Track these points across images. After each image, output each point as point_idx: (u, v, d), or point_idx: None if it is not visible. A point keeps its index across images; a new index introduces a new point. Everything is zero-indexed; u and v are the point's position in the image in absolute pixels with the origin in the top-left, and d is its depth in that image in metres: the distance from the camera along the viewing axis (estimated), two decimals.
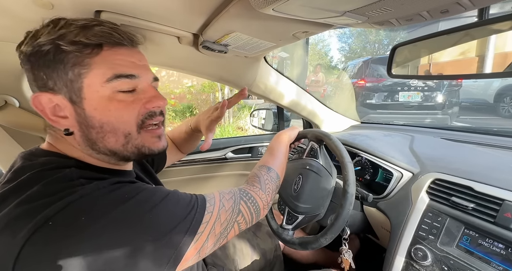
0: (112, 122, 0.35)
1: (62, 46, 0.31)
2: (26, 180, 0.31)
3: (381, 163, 0.73)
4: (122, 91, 0.35)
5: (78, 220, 0.27)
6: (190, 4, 0.45)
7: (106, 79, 0.33)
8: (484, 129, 0.91)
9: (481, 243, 0.46)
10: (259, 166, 0.57)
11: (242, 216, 0.42)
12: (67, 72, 0.32)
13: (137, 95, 0.37)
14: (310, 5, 0.33)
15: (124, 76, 0.34)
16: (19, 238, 0.26)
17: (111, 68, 0.34)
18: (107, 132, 0.35)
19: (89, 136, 0.35)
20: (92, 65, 0.33)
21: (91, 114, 0.34)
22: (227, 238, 0.40)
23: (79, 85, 0.33)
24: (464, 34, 0.40)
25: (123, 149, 0.37)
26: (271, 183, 0.53)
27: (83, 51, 0.32)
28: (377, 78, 4.14)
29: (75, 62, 0.32)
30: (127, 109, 0.35)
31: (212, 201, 0.39)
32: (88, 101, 0.33)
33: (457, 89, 3.79)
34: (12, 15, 0.44)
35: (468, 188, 0.51)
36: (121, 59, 0.35)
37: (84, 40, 0.32)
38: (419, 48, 0.51)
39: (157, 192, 0.35)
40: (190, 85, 5.78)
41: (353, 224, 0.72)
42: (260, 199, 0.48)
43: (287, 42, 0.60)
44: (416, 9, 0.32)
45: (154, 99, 0.38)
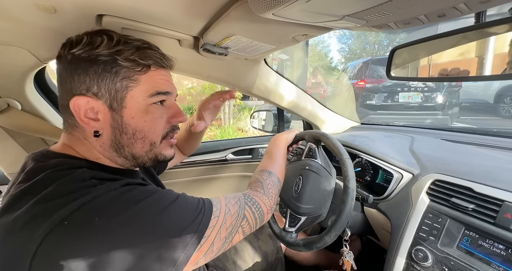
0: (144, 131, 0.40)
1: (119, 60, 0.36)
2: (41, 181, 0.32)
3: (381, 164, 0.74)
4: (155, 103, 0.40)
5: (92, 220, 0.29)
6: (190, 7, 0.45)
7: (149, 95, 0.39)
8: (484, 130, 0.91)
9: (482, 244, 0.46)
10: (259, 170, 0.58)
11: (246, 220, 0.43)
12: (115, 82, 0.37)
13: (164, 109, 0.42)
14: (309, 10, 0.33)
15: (162, 93, 0.40)
16: (37, 236, 0.27)
17: (154, 86, 0.39)
18: (138, 139, 0.39)
19: (120, 140, 0.39)
20: (140, 81, 0.38)
21: (127, 121, 0.38)
22: (232, 242, 0.41)
23: (123, 95, 0.37)
24: (461, 36, 0.41)
25: (145, 155, 0.41)
26: (273, 187, 0.54)
27: (135, 68, 0.38)
28: (377, 79, 4.14)
29: (125, 75, 0.37)
30: (158, 122, 0.41)
31: (218, 206, 0.40)
32: (127, 110, 0.38)
33: (457, 89, 3.80)
34: (15, 19, 0.45)
35: (468, 188, 0.52)
36: (162, 78, 0.41)
37: (138, 60, 0.37)
38: (417, 50, 0.52)
39: (166, 195, 0.37)
40: (190, 87, 5.80)
41: (354, 225, 0.72)
42: (264, 204, 0.49)
43: (287, 44, 0.60)
44: (413, 13, 0.32)
45: (178, 116, 0.44)
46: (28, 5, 0.41)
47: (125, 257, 0.29)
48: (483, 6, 0.28)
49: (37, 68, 0.62)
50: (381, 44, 11.46)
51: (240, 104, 5.88)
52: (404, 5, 0.30)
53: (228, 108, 5.28)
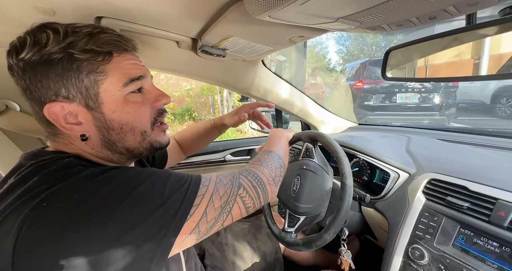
0: (131, 123, 0.38)
1: (75, 54, 0.32)
2: (27, 173, 0.32)
3: (378, 164, 0.74)
4: (132, 92, 0.38)
5: (71, 200, 0.28)
6: (188, 10, 0.46)
7: (123, 84, 0.36)
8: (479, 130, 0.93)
9: (476, 242, 0.47)
10: (260, 152, 0.56)
11: (244, 189, 0.40)
12: (82, 79, 0.33)
13: (144, 95, 0.40)
14: (304, 12, 0.34)
15: (136, 79, 0.37)
16: (18, 221, 0.27)
17: (126, 74, 0.36)
18: (127, 132, 0.38)
19: (109, 137, 0.37)
20: (107, 72, 0.35)
21: (110, 117, 0.36)
22: (232, 214, 0.38)
23: (96, 91, 0.35)
24: (453, 38, 0.42)
25: (139, 146, 0.40)
26: (273, 161, 0.51)
27: (96, 59, 0.34)
28: (375, 80, 4.17)
29: (90, 69, 0.34)
30: (141, 109, 0.39)
31: (207, 177, 0.39)
32: (106, 106, 0.35)
33: (454, 90, 3.83)
34: (13, 21, 0.45)
35: (463, 187, 0.52)
36: (130, 63, 0.38)
37: (96, 48, 0.33)
38: (411, 51, 0.53)
39: (147, 169, 0.36)
40: (189, 88, 5.80)
41: (352, 224, 0.73)
42: (263, 174, 0.45)
43: (284, 46, 0.61)
44: (405, 16, 0.33)
45: (161, 98, 0.42)
46: (27, 7, 0.41)
47: (109, 231, 0.28)
48: (471, 9, 0.29)
49: None
50: (378, 46, 11.54)
51: (238, 105, 5.88)
52: (396, 8, 0.31)
53: (227, 109, 5.28)
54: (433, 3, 0.29)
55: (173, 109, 5.60)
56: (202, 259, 0.73)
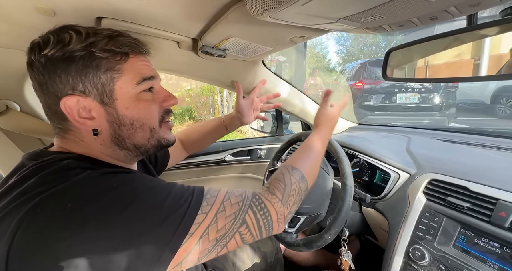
0: (142, 119, 0.39)
1: (96, 52, 0.34)
2: (25, 175, 0.32)
3: (378, 164, 0.74)
4: (144, 90, 0.40)
5: (65, 207, 0.28)
6: (189, 10, 0.46)
7: (136, 82, 0.38)
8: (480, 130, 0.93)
9: (477, 242, 0.47)
10: (292, 167, 0.48)
11: (246, 227, 0.37)
12: (99, 76, 0.35)
13: (154, 95, 0.42)
14: (305, 13, 0.34)
15: (148, 79, 0.40)
16: (13, 225, 0.27)
17: (139, 73, 0.39)
18: (137, 128, 0.39)
19: (120, 133, 0.38)
20: (123, 70, 0.37)
21: (123, 113, 0.38)
22: (227, 248, 0.37)
23: (111, 87, 0.36)
24: (454, 39, 0.42)
25: (147, 142, 0.41)
26: (297, 195, 0.45)
27: (114, 58, 0.36)
28: (375, 80, 4.18)
29: (108, 67, 0.36)
30: (151, 107, 0.41)
31: (211, 201, 0.36)
32: (120, 102, 0.37)
33: (454, 90, 3.83)
34: (14, 22, 0.45)
35: (463, 188, 0.52)
36: (143, 64, 0.40)
37: (115, 48, 0.36)
38: (412, 52, 0.53)
39: (147, 182, 0.35)
40: (189, 89, 5.81)
41: (352, 225, 0.73)
42: (276, 212, 0.41)
43: (284, 46, 0.61)
44: (406, 16, 0.33)
45: (169, 99, 0.44)
46: (28, 8, 0.41)
47: (98, 247, 0.28)
48: (473, 9, 0.29)
49: None
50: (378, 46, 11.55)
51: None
52: (397, 8, 0.31)
53: (227, 109, 5.28)
54: (435, 4, 0.29)
55: (173, 110, 5.59)
56: None
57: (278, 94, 0.83)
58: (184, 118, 5.77)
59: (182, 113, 5.83)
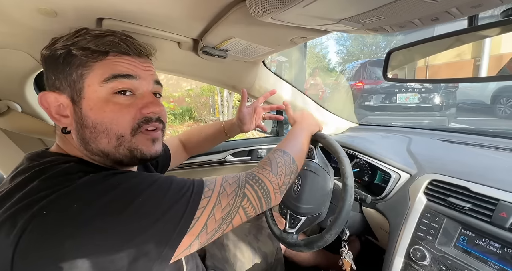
0: (105, 123, 0.36)
1: (72, 50, 0.35)
2: (28, 177, 0.32)
3: (379, 165, 0.74)
4: (120, 93, 0.36)
5: (71, 208, 0.28)
6: (190, 11, 0.46)
7: (104, 79, 0.35)
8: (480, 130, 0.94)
9: (478, 243, 0.47)
10: (274, 149, 0.53)
11: (248, 200, 0.39)
12: (71, 73, 0.35)
13: (134, 100, 0.38)
14: (306, 14, 0.34)
15: (121, 76, 0.36)
16: (17, 228, 0.27)
17: (110, 69, 0.36)
18: (100, 133, 0.36)
19: (83, 135, 0.36)
20: (93, 67, 0.35)
21: (86, 113, 0.36)
22: (232, 224, 0.38)
23: (81, 85, 0.35)
24: (455, 39, 0.42)
25: (115, 151, 0.37)
26: (284, 166, 0.48)
27: (89, 56, 0.35)
28: (375, 80, 4.18)
29: (79, 64, 0.35)
30: (121, 112, 0.37)
31: (211, 186, 0.38)
32: (86, 101, 0.36)
33: (454, 90, 3.83)
34: (16, 23, 0.45)
35: (464, 188, 0.52)
36: (122, 62, 0.37)
37: (93, 47, 0.35)
38: (413, 52, 0.53)
39: (148, 176, 0.35)
40: (189, 89, 5.81)
41: (353, 225, 0.73)
42: (270, 182, 0.43)
43: (285, 47, 0.61)
44: (407, 17, 0.33)
45: (150, 105, 0.39)
46: (30, 9, 0.41)
47: (108, 242, 0.28)
48: (474, 10, 0.29)
49: (37, 71, 0.63)
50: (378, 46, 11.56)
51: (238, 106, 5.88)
52: (398, 10, 0.31)
53: (227, 110, 5.28)
54: (436, 5, 0.29)
55: (173, 110, 5.60)
56: (203, 260, 0.73)
57: (273, 91, 0.77)
58: (184, 119, 5.77)
59: (182, 114, 5.83)
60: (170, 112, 5.43)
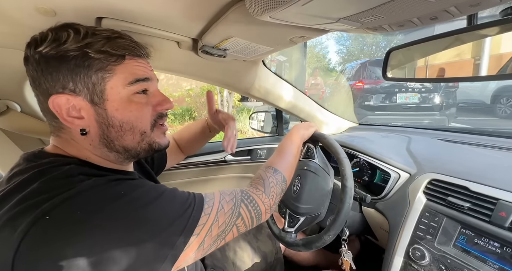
0: (132, 122, 0.38)
1: (90, 53, 0.34)
2: (27, 179, 0.32)
3: (378, 164, 0.74)
4: (137, 92, 0.39)
5: (74, 215, 0.28)
6: (189, 10, 0.46)
7: (128, 83, 0.38)
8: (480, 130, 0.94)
9: (477, 242, 0.47)
10: (265, 167, 0.55)
11: (241, 219, 0.42)
12: (90, 76, 0.35)
13: (148, 98, 0.41)
14: (305, 13, 0.34)
15: (141, 80, 0.39)
16: (19, 231, 0.27)
17: (132, 73, 0.38)
18: (126, 131, 0.38)
19: (109, 134, 0.38)
20: (115, 71, 0.37)
21: (113, 114, 0.37)
22: (225, 240, 0.40)
23: (102, 87, 0.36)
24: (454, 38, 0.42)
25: (137, 146, 0.40)
26: (276, 186, 0.51)
27: (108, 59, 0.36)
28: (375, 80, 4.18)
29: (99, 67, 0.36)
30: (143, 110, 0.40)
31: (210, 203, 0.39)
32: (110, 103, 0.37)
33: (454, 90, 3.83)
34: (15, 22, 0.45)
35: (464, 188, 0.52)
36: (139, 66, 0.40)
37: (110, 50, 0.36)
38: (412, 52, 0.53)
39: (153, 189, 0.36)
40: (189, 89, 5.80)
41: (352, 225, 0.73)
42: (263, 203, 0.47)
43: (285, 46, 0.61)
44: (406, 16, 0.33)
45: (164, 103, 0.43)
46: (28, 8, 0.41)
47: (108, 252, 0.28)
48: (473, 9, 0.29)
49: None
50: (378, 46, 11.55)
51: (239, 106, 5.89)
52: (397, 8, 0.31)
53: (227, 109, 5.28)
54: (435, 4, 0.29)
55: (173, 110, 5.57)
56: (202, 259, 0.73)
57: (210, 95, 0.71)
58: (184, 118, 5.77)
59: (182, 113, 5.83)
60: (170, 112, 5.42)
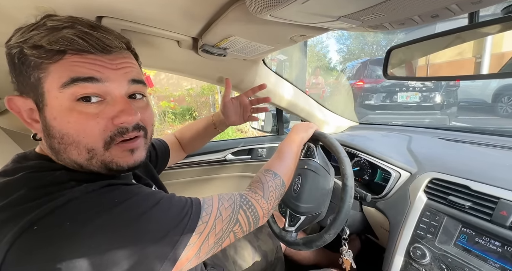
0: (72, 135, 0.31)
1: (25, 49, 0.29)
2: (14, 182, 0.30)
3: (379, 163, 0.74)
4: (84, 100, 0.31)
5: (63, 226, 0.26)
6: (189, 9, 0.46)
7: (62, 84, 0.30)
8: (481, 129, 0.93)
9: (478, 241, 0.47)
10: (264, 169, 0.54)
11: (239, 225, 0.41)
12: (29, 76, 0.30)
13: (104, 108, 0.32)
14: (306, 11, 0.34)
15: (81, 80, 0.30)
16: (4, 242, 0.25)
17: (68, 71, 0.30)
18: (68, 145, 0.31)
19: (52, 145, 0.32)
20: (49, 69, 0.30)
21: (50, 123, 0.31)
22: (222, 246, 0.39)
23: (41, 90, 0.31)
24: (455, 37, 0.42)
25: (88, 163, 0.33)
26: (275, 190, 0.50)
27: (42, 56, 0.30)
28: (376, 79, 4.17)
29: (34, 65, 0.30)
30: (88, 123, 0.31)
31: (209, 210, 0.38)
32: (49, 109, 0.31)
33: (455, 89, 3.82)
34: (15, 22, 0.45)
35: (464, 186, 0.52)
36: (83, 62, 0.31)
37: (46, 45, 0.29)
38: (413, 50, 0.52)
39: (148, 196, 0.34)
40: (189, 88, 5.80)
41: (353, 224, 0.73)
42: (261, 208, 0.46)
43: (285, 45, 0.61)
44: (407, 14, 0.33)
45: (121, 115, 0.33)
46: (28, 7, 0.41)
47: (100, 264, 0.26)
48: (474, 7, 0.29)
49: None
50: (379, 45, 11.52)
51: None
52: (398, 6, 0.31)
53: None
54: (436, 2, 0.29)
55: (174, 109, 5.60)
56: None
57: (263, 86, 0.72)
58: (184, 118, 5.78)
59: (183, 113, 5.84)
60: (170, 111, 5.43)
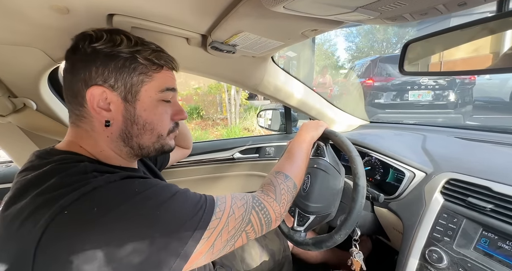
0: (154, 124, 0.43)
1: (139, 58, 0.40)
2: (44, 173, 0.34)
3: (392, 163, 0.72)
4: (164, 100, 0.44)
5: (91, 210, 0.30)
6: (199, 5, 0.46)
7: (160, 90, 0.43)
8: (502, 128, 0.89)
9: (501, 246, 0.44)
10: (275, 171, 0.55)
11: (251, 226, 0.42)
12: (132, 77, 0.40)
13: (170, 107, 0.46)
14: (321, 2, 0.32)
15: (170, 89, 0.44)
16: (39, 225, 0.29)
17: (165, 82, 0.44)
18: (147, 130, 0.43)
19: (131, 130, 0.41)
20: (154, 77, 0.42)
21: (140, 113, 0.41)
22: (234, 246, 0.41)
23: (138, 89, 0.41)
24: (480, 28, 0.39)
25: (151, 145, 0.44)
26: (287, 193, 0.51)
27: (151, 67, 0.42)
28: (386, 77, 4.05)
29: (142, 71, 0.41)
30: (165, 116, 0.45)
31: (222, 206, 0.40)
32: (140, 103, 0.41)
33: (470, 87, 3.66)
34: (29, 21, 0.46)
35: (485, 188, 0.49)
36: (171, 77, 0.46)
37: (154, 60, 0.42)
38: (432, 44, 0.50)
39: (166, 188, 0.37)
40: (196, 87, 5.85)
41: (364, 225, 0.71)
42: (273, 211, 0.47)
43: (296, 41, 0.60)
44: (431, 3, 0.31)
45: (180, 113, 0.48)
46: (42, 6, 0.42)
47: (121, 250, 0.29)
48: None
49: (50, 68, 0.64)
50: (389, 42, 11.21)
51: (246, 104, 5.89)
52: None
53: (234, 108, 5.29)
54: None
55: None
56: None
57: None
58: (192, 117, 5.84)
59: (190, 112, 5.90)
60: None
